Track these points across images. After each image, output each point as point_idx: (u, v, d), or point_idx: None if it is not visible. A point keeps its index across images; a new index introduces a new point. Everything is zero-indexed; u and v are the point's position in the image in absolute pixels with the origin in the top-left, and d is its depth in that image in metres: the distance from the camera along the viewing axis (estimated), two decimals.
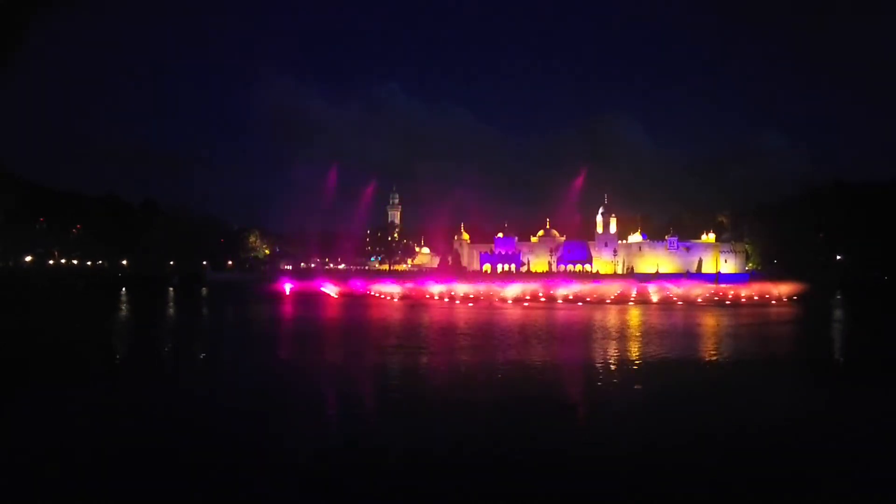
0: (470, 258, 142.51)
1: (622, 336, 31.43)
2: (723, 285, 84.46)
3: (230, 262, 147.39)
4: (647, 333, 33.25)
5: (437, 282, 72.78)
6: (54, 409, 14.63)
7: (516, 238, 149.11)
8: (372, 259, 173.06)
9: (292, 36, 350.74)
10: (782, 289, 62.96)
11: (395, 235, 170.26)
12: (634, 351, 26.35)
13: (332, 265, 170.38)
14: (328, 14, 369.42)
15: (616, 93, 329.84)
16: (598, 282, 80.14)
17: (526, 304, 57.26)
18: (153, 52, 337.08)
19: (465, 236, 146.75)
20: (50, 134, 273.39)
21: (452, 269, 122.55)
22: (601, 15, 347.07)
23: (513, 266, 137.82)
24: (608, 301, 60.00)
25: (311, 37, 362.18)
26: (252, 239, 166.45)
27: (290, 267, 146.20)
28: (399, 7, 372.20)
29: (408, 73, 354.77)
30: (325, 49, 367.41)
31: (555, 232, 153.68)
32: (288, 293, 69.24)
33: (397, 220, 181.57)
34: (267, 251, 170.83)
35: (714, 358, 24.60)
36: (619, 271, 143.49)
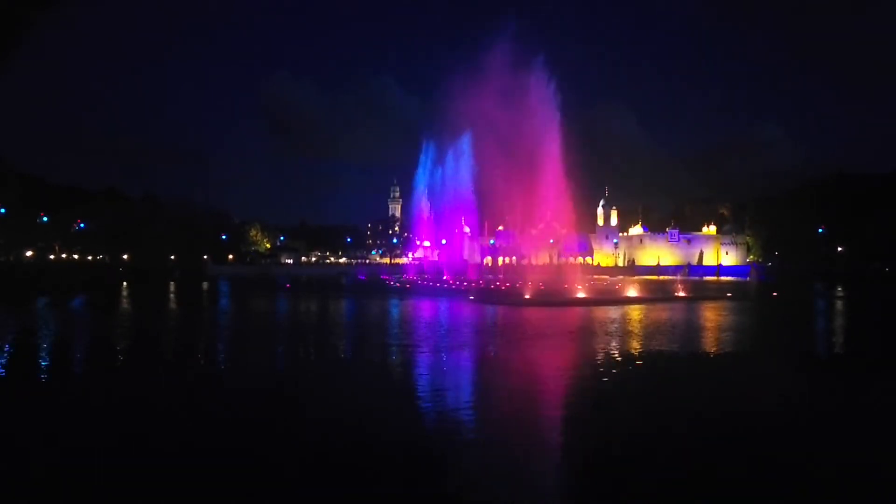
0: (471, 251, 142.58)
1: None
2: (724, 278, 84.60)
3: (231, 256, 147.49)
4: None
5: None
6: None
7: (517, 231, 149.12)
8: (373, 252, 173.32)
9: (290, 31, 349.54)
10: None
11: (396, 228, 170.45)
12: None
13: (331, 259, 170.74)
14: (325, 9, 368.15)
15: (612, 85, 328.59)
16: None
17: None
18: (153, 47, 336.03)
19: (466, 229, 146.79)
20: (50, 128, 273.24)
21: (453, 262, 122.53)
22: (598, 6, 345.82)
23: (514, 258, 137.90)
24: None
25: (308, 32, 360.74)
26: (253, 233, 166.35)
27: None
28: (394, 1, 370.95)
29: (402, 66, 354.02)
30: (322, 43, 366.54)
31: (556, 224, 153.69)
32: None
33: (398, 214, 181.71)
34: (268, 245, 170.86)
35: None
36: (621, 264, 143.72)
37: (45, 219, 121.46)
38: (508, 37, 61.45)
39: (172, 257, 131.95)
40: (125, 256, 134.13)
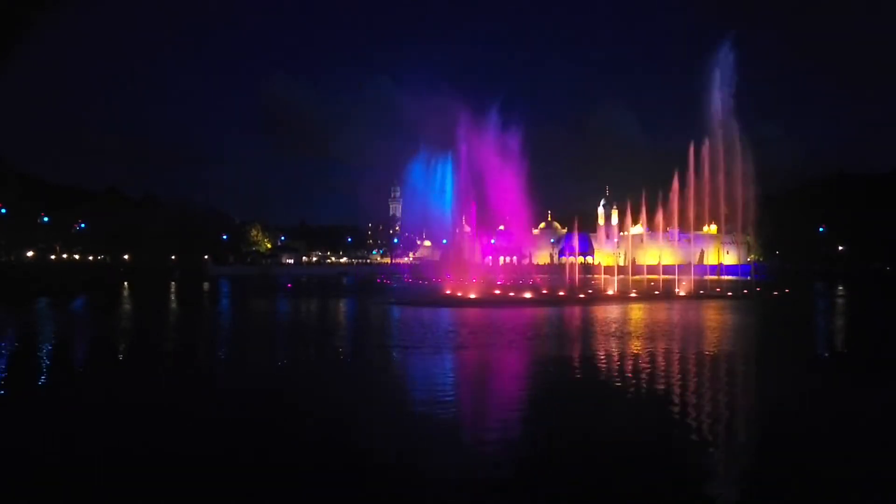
0: (472, 250, 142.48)
1: None
2: (725, 277, 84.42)
3: (231, 257, 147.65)
4: None
5: None
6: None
7: (518, 230, 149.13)
8: (374, 252, 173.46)
9: (290, 31, 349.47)
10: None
11: (397, 228, 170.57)
12: None
13: (332, 259, 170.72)
14: (324, 9, 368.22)
15: (613, 85, 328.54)
16: None
17: None
18: (153, 47, 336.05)
19: (467, 229, 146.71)
20: (50, 128, 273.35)
21: (454, 262, 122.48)
22: (599, 6, 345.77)
23: (514, 258, 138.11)
24: None
25: (308, 32, 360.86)
26: (254, 233, 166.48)
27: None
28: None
29: (401, 65, 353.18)
30: (322, 43, 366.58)
31: (556, 224, 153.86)
32: None
33: (398, 214, 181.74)
34: (269, 245, 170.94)
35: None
36: (622, 263, 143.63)
37: (45, 219, 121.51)
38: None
39: (173, 257, 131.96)
40: (125, 256, 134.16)
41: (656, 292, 54.62)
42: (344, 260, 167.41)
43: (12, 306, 43.24)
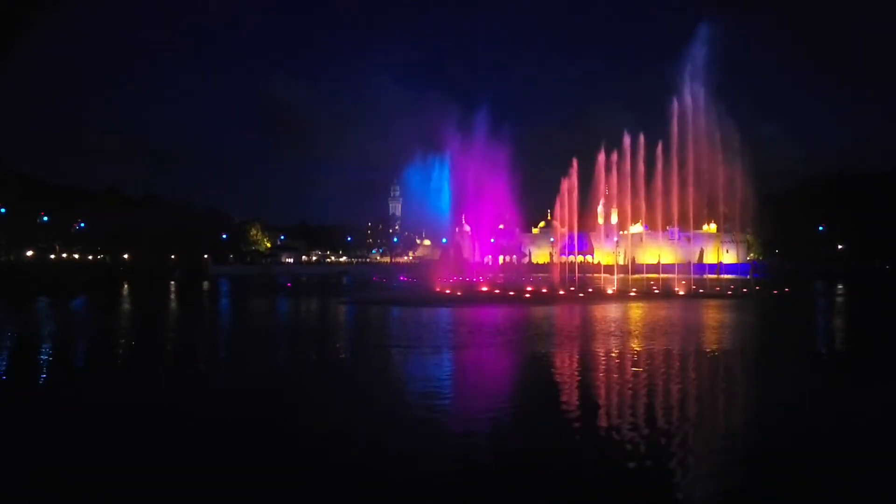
0: (472, 249, 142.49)
1: None
2: (724, 276, 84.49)
3: (231, 256, 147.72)
4: None
5: None
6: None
7: (518, 229, 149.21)
8: (374, 251, 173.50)
9: (289, 31, 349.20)
10: None
11: (397, 227, 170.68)
12: None
13: (332, 259, 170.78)
14: (324, 8, 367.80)
15: (611, 84, 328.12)
16: None
17: None
18: (153, 47, 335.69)
19: (467, 228, 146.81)
20: (50, 128, 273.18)
21: (454, 261, 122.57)
22: (597, 4, 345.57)
23: (514, 257, 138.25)
24: None
25: (308, 31, 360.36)
26: (253, 232, 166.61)
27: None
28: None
29: (401, 64, 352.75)
30: (322, 43, 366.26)
31: (556, 223, 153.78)
32: None
33: (398, 213, 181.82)
34: (268, 244, 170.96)
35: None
36: (621, 262, 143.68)
37: (45, 219, 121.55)
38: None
39: (172, 257, 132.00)
40: (125, 256, 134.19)
41: (656, 291, 54.69)
42: (344, 259, 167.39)
43: (12, 306, 43.24)
